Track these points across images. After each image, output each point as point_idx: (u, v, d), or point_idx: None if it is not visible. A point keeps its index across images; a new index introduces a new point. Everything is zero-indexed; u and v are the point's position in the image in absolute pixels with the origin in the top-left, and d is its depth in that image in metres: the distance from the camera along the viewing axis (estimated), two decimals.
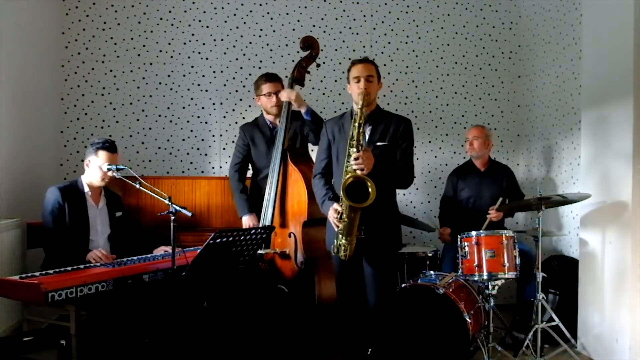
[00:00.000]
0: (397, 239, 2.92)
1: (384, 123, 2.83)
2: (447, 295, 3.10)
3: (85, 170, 3.15)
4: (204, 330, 2.87)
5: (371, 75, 2.78)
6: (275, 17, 4.48)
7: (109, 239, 3.19)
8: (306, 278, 3.10)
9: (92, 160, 3.09)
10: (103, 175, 3.09)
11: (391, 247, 2.87)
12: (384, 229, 2.79)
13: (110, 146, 3.10)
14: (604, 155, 3.38)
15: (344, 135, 2.80)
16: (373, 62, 2.86)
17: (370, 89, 2.76)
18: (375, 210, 2.66)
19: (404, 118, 2.88)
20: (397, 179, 2.83)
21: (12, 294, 2.51)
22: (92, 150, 3.09)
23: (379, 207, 2.67)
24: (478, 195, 3.95)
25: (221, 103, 4.41)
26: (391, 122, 2.83)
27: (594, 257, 3.45)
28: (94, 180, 3.12)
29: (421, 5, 4.67)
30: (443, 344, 3.02)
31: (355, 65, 2.81)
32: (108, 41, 4.29)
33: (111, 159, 3.08)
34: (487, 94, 4.75)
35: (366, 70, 2.78)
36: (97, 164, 3.07)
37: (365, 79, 2.76)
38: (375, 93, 2.84)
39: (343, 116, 2.95)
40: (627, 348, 3.16)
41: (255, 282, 3.22)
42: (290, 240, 3.17)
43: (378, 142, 2.78)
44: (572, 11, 4.03)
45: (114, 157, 3.10)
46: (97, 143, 3.09)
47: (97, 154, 3.07)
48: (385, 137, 2.80)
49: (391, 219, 2.87)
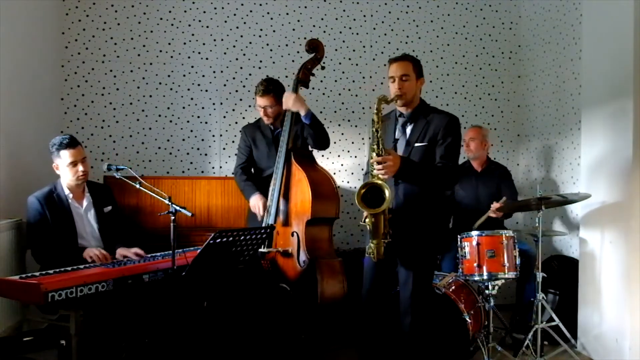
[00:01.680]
0: (433, 242, 2.73)
1: (425, 121, 2.66)
2: (447, 295, 3.10)
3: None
4: (204, 331, 2.87)
5: (406, 75, 2.63)
6: (275, 17, 4.48)
7: (100, 236, 3.09)
8: (308, 277, 3.10)
9: (58, 163, 2.96)
10: (74, 174, 2.96)
11: (426, 251, 2.70)
12: (419, 231, 2.65)
13: (69, 142, 2.93)
14: (604, 155, 3.38)
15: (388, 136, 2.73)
16: (410, 58, 2.70)
17: (405, 88, 2.63)
18: (411, 213, 2.60)
19: (448, 114, 2.70)
20: (433, 180, 2.63)
21: (12, 294, 2.50)
22: (55, 152, 2.94)
23: (415, 209, 2.60)
24: (474, 196, 3.94)
25: (221, 103, 4.41)
26: (433, 119, 2.66)
27: (594, 257, 3.45)
28: (70, 182, 3.00)
29: (421, 5, 4.67)
30: (443, 344, 3.02)
31: (390, 65, 2.69)
32: (108, 41, 4.29)
33: (74, 154, 2.93)
34: (487, 94, 4.75)
35: (400, 69, 2.64)
36: (63, 164, 2.94)
37: (399, 78, 2.63)
38: (414, 91, 2.67)
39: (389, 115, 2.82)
40: (627, 348, 3.16)
41: (257, 281, 3.22)
42: (293, 240, 3.17)
43: (417, 143, 2.65)
44: (572, 11, 4.03)
45: (76, 151, 2.95)
46: (55, 144, 2.94)
47: (59, 155, 2.93)
48: (425, 137, 2.64)
49: (429, 221, 2.69)
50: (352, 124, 4.56)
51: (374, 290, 2.75)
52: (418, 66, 2.70)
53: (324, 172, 3.33)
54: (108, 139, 4.28)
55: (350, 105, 4.56)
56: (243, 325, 3.11)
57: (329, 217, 3.23)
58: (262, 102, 3.38)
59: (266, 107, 3.38)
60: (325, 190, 3.22)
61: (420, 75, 2.71)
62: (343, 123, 4.51)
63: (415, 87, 2.68)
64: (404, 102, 2.66)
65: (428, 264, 2.74)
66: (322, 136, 3.30)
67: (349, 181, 4.51)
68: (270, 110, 3.38)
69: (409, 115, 2.70)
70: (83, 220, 3.07)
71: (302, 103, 3.20)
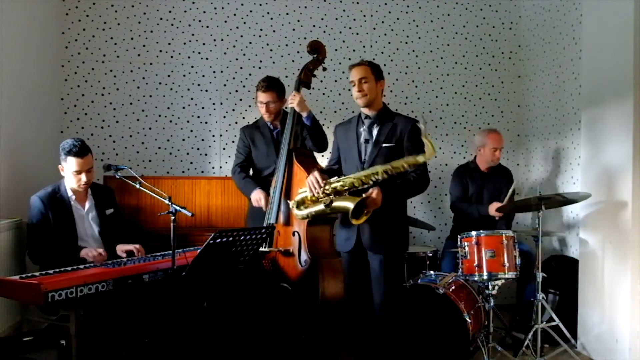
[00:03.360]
0: (402, 239, 2.85)
1: (391, 123, 2.79)
2: (447, 295, 3.10)
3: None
4: (204, 331, 2.87)
5: (364, 77, 2.75)
6: (275, 17, 4.48)
7: (101, 239, 3.10)
8: (310, 277, 3.10)
9: (64, 166, 2.95)
10: (77, 182, 2.95)
11: (396, 248, 2.80)
12: (390, 229, 2.76)
13: (78, 151, 2.89)
14: (604, 155, 3.38)
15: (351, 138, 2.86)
16: (367, 62, 2.82)
17: (365, 90, 2.75)
18: (382, 211, 2.65)
19: (411, 119, 2.83)
20: (410, 191, 2.76)
21: (12, 294, 2.50)
22: (62, 155, 2.92)
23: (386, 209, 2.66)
24: (478, 197, 3.95)
25: (221, 103, 4.41)
26: (398, 123, 2.79)
27: (594, 257, 3.45)
28: (72, 186, 3.00)
29: (421, 5, 4.67)
30: (443, 344, 3.03)
31: (350, 71, 2.81)
32: (108, 41, 4.29)
33: (81, 164, 2.91)
34: (487, 94, 4.75)
35: (358, 73, 2.76)
36: (68, 169, 2.93)
37: (359, 81, 2.75)
38: (375, 92, 2.78)
39: (351, 120, 2.95)
40: (627, 348, 3.16)
41: (258, 281, 3.23)
42: (294, 239, 3.18)
43: (384, 143, 2.75)
44: (572, 11, 4.04)
45: (83, 162, 2.92)
46: (65, 148, 2.90)
47: (66, 160, 2.91)
48: (392, 138, 2.75)
49: (397, 220, 2.81)
50: None
51: (358, 290, 2.84)
52: (376, 69, 2.82)
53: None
54: (108, 139, 4.28)
55: (351, 105, 4.56)
56: (243, 326, 3.11)
57: (331, 218, 3.23)
58: (264, 97, 3.41)
59: (268, 103, 3.41)
60: None
61: (379, 78, 2.82)
62: None
63: (375, 88, 2.79)
64: (366, 102, 2.77)
65: (399, 262, 2.91)
66: (321, 138, 3.39)
67: None
68: (272, 106, 3.42)
69: (374, 117, 2.81)
70: (84, 222, 3.07)
71: (305, 105, 3.31)
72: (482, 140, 3.94)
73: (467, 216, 3.89)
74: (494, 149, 3.90)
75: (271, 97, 3.41)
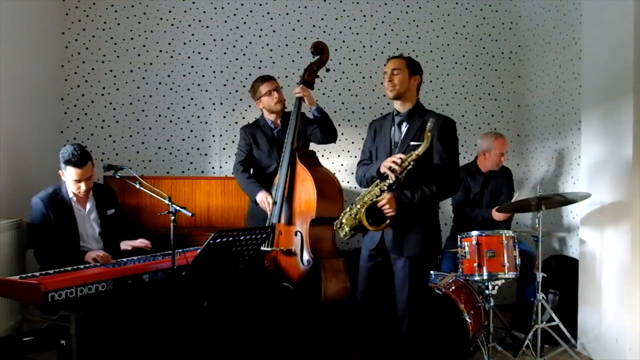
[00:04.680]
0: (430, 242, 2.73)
1: (422, 121, 2.65)
2: (447, 295, 3.10)
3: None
4: (204, 331, 2.87)
5: (397, 69, 2.65)
6: (275, 17, 4.48)
7: (102, 239, 3.10)
8: (312, 276, 3.10)
9: (64, 173, 2.95)
10: (76, 189, 2.96)
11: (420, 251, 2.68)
12: (414, 232, 2.66)
13: (77, 160, 2.88)
14: (604, 155, 3.38)
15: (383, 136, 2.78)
16: (405, 57, 2.72)
17: (395, 81, 2.65)
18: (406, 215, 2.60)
19: (444, 116, 2.71)
20: (439, 194, 2.66)
21: (12, 294, 2.50)
22: (62, 163, 2.92)
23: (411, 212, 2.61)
24: (480, 198, 3.94)
25: (221, 103, 4.41)
26: (429, 119, 2.60)
27: (594, 257, 3.45)
28: (73, 190, 3.00)
29: (421, 5, 4.67)
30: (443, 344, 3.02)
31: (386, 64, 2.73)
32: (108, 41, 4.29)
33: (80, 174, 2.91)
34: (487, 94, 4.75)
35: (392, 64, 2.67)
36: (67, 177, 2.94)
37: (391, 72, 2.66)
38: (406, 85, 2.66)
39: (386, 117, 2.85)
40: (627, 348, 3.16)
41: (259, 281, 3.23)
42: (297, 239, 3.18)
43: (412, 141, 2.64)
44: (572, 11, 4.03)
45: (82, 171, 2.91)
46: (64, 157, 2.89)
47: (65, 169, 2.91)
48: (421, 136, 2.60)
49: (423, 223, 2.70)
50: (352, 124, 4.56)
51: (370, 292, 2.74)
52: (413, 63, 2.72)
53: (328, 173, 3.35)
54: (108, 139, 4.28)
55: (350, 105, 4.56)
56: (243, 326, 3.11)
57: (333, 217, 3.23)
58: (270, 85, 3.47)
59: (277, 88, 3.47)
60: (330, 190, 3.23)
61: (415, 73, 2.71)
62: (343, 123, 4.51)
63: (407, 82, 2.67)
64: (395, 95, 2.67)
65: (424, 266, 2.72)
66: (331, 129, 3.46)
67: (349, 181, 4.51)
68: (281, 92, 3.49)
69: (405, 115, 2.71)
70: (85, 223, 3.08)
71: (313, 100, 3.39)
72: (488, 144, 3.92)
73: (471, 219, 3.89)
74: (500, 154, 3.89)
75: (275, 85, 3.48)
